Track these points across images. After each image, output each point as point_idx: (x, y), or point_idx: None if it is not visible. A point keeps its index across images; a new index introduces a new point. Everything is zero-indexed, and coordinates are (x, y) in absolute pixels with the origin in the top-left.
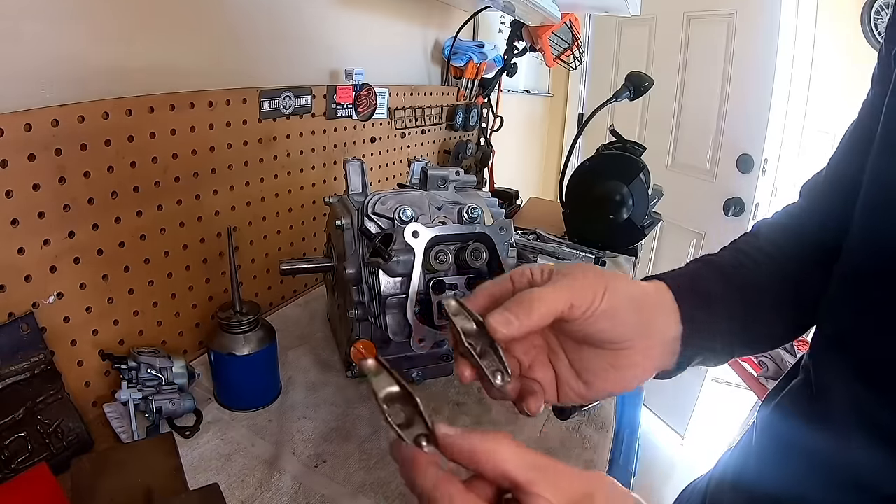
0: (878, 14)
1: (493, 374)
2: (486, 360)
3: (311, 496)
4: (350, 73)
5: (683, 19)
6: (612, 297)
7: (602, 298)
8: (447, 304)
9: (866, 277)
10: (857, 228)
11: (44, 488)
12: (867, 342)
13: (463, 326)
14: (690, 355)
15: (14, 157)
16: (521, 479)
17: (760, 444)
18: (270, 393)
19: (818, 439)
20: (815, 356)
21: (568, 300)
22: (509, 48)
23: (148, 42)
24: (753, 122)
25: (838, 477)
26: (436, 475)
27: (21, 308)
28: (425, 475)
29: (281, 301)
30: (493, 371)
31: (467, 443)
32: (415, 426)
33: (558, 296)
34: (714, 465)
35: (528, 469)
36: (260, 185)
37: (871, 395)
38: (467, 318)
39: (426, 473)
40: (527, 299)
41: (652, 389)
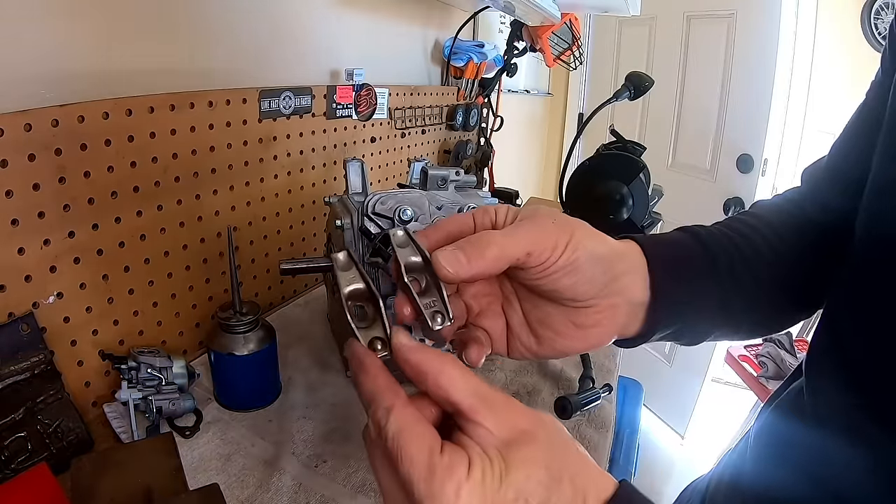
0: (878, 14)
1: (431, 315)
2: (427, 300)
3: (311, 496)
4: (350, 73)
5: (683, 19)
6: (575, 250)
7: (564, 251)
8: (394, 234)
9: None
10: (863, 216)
11: (44, 488)
12: (862, 346)
13: (407, 260)
14: (655, 326)
15: (14, 157)
16: (463, 405)
17: (757, 445)
18: (270, 393)
19: (809, 444)
20: (811, 357)
21: (525, 248)
22: (509, 48)
23: (148, 42)
24: (753, 122)
25: (826, 484)
26: (383, 382)
27: (21, 308)
28: (374, 379)
29: (281, 301)
30: (433, 312)
31: (417, 357)
32: (374, 328)
33: (515, 241)
34: (715, 465)
35: (471, 395)
36: (260, 185)
37: (860, 401)
38: (414, 251)
39: (375, 378)
40: (480, 241)
41: (652, 389)
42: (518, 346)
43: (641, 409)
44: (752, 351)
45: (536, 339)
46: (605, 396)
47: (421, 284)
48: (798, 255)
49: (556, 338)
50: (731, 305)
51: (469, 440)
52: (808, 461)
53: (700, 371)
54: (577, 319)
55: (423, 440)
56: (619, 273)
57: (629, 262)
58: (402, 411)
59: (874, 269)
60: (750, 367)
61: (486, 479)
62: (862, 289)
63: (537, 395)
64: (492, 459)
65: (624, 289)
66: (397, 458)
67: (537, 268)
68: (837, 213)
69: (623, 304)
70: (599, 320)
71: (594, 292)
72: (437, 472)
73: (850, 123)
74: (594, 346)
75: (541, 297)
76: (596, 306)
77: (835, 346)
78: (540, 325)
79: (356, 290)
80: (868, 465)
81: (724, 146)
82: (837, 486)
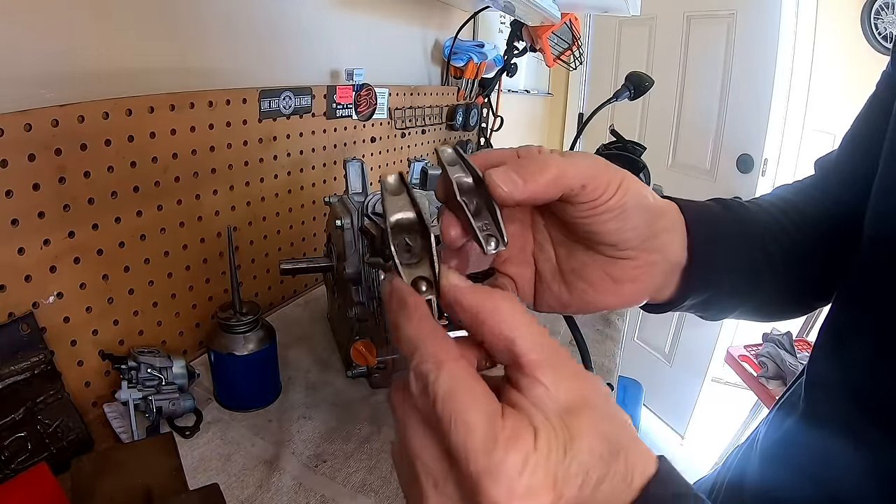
0: (878, 14)
1: (486, 238)
2: (480, 222)
3: (311, 496)
4: (350, 73)
5: (683, 19)
6: (625, 193)
7: (616, 191)
8: (443, 150)
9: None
10: (871, 215)
11: (44, 488)
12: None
13: (458, 179)
14: (688, 291)
15: (14, 157)
16: (526, 358)
17: (762, 446)
18: (270, 393)
19: (809, 445)
20: (813, 357)
21: (583, 177)
22: (509, 48)
23: (148, 42)
24: (753, 122)
25: (827, 486)
26: (430, 328)
27: (21, 308)
28: (419, 324)
29: (281, 301)
30: (487, 235)
31: (474, 299)
32: (419, 266)
33: (575, 168)
34: (720, 465)
35: (536, 349)
36: (260, 185)
37: (860, 403)
38: (463, 170)
39: (421, 322)
40: (538, 160)
41: (652, 389)
42: (547, 297)
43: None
44: (752, 351)
45: (568, 289)
46: None
47: (471, 206)
48: (817, 240)
49: (589, 290)
50: (761, 281)
51: (527, 402)
52: (810, 463)
53: (700, 371)
54: (615, 272)
55: (482, 403)
56: (660, 229)
57: (669, 220)
58: (455, 366)
59: (880, 269)
60: (750, 367)
61: (551, 451)
62: (867, 288)
63: None
64: (555, 428)
65: (664, 246)
66: (449, 423)
67: (589, 203)
68: (846, 206)
69: (661, 261)
70: (637, 275)
71: (636, 242)
72: (500, 443)
73: (859, 116)
74: (627, 303)
75: (579, 243)
76: (635, 259)
77: (836, 346)
78: (574, 275)
79: (404, 220)
80: (868, 467)
81: (724, 146)
82: (838, 488)
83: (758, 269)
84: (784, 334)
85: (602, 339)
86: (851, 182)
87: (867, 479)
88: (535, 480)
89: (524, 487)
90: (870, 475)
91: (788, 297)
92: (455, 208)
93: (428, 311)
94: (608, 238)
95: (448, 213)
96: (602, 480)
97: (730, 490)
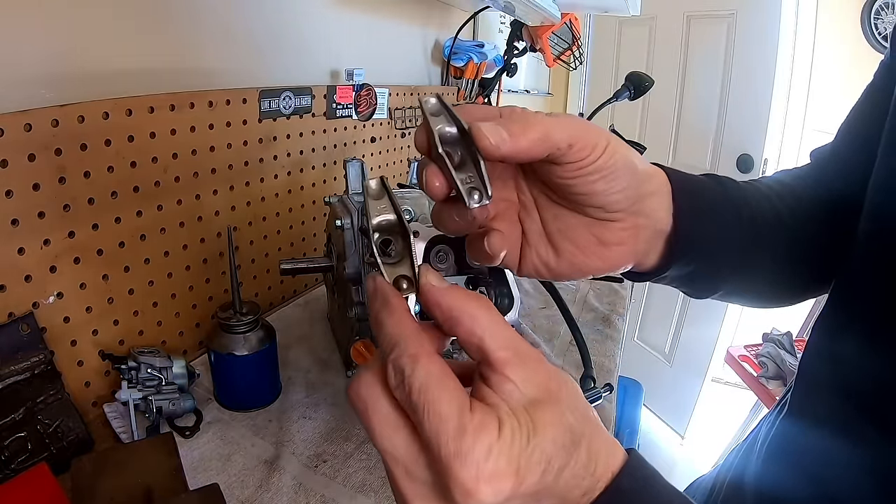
0: (878, 14)
1: (468, 190)
2: (463, 174)
3: (311, 496)
4: (350, 73)
5: (683, 19)
6: (612, 154)
7: (603, 152)
8: (426, 101)
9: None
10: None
11: (44, 488)
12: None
13: (441, 129)
14: (672, 259)
15: (14, 157)
16: (495, 356)
17: (763, 445)
18: (270, 393)
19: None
20: (806, 356)
21: (569, 137)
22: (509, 48)
23: (148, 42)
24: (753, 122)
25: (826, 485)
26: (410, 326)
27: (21, 308)
28: (399, 321)
29: (281, 301)
30: (469, 188)
31: (450, 299)
32: (400, 266)
33: (561, 127)
34: (720, 464)
35: (505, 347)
36: (260, 185)
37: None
38: (448, 121)
39: (401, 319)
40: (524, 117)
41: (652, 389)
42: (533, 259)
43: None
44: (752, 351)
45: (555, 252)
46: (606, 396)
47: (454, 158)
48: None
49: (576, 252)
50: (750, 258)
51: (495, 396)
52: (809, 461)
53: (700, 371)
54: (602, 234)
55: (454, 396)
56: (647, 192)
57: (655, 184)
58: (430, 361)
59: (875, 264)
60: (750, 367)
61: (514, 440)
62: (861, 284)
63: None
64: (519, 419)
65: (651, 210)
66: (423, 412)
67: (576, 164)
68: (840, 196)
69: (647, 225)
70: (623, 238)
71: (624, 204)
72: (469, 432)
73: (856, 107)
74: (613, 266)
75: (564, 205)
76: (622, 221)
77: (831, 343)
78: (561, 236)
79: (385, 222)
80: (866, 466)
81: (724, 146)
82: (837, 487)
83: (746, 247)
84: (784, 334)
85: (602, 339)
86: (846, 173)
87: (865, 478)
88: (499, 466)
89: (489, 471)
90: (867, 473)
91: (777, 281)
92: (437, 160)
93: (408, 309)
94: (596, 199)
95: (431, 165)
96: (563, 468)
97: (730, 489)
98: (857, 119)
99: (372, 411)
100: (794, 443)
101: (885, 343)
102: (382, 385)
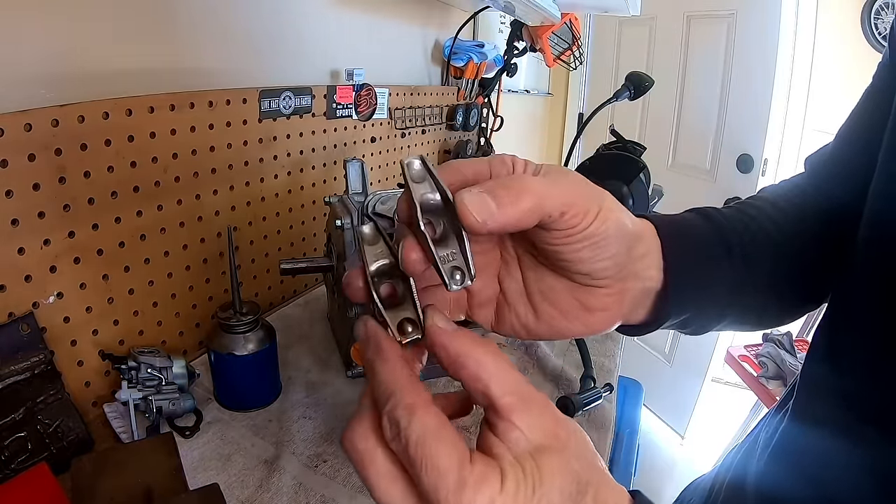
0: (878, 14)
1: (450, 271)
2: (445, 251)
3: (311, 496)
4: (350, 73)
5: (683, 19)
6: (605, 221)
7: (595, 219)
8: (409, 163)
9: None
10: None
11: (44, 488)
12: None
13: (423, 197)
14: (666, 315)
15: (14, 157)
16: (500, 403)
17: (763, 446)
18: (270, 393)
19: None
20: (809, 357)
21: (562, 204)
22: (509, 48)
23: (148, 42)
24: (753, 122)
25: (825, 487)
26: (405, 375)
27: (21, 308)
28: (393, 370)
29: (281, 301)
30: (452, 268)
31: (457, 344)
32: (403, 308)
33: (555, 193)
34: (719, 465)
35: (511, 393)
36: (260, 185)
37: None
38: (432, 188)
39: (394, 368)
40: (514, 184)
41: (652, 389)
42: (511, 319)
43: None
44: (752, 351)
45: (535, 313)
46: (606, 396)
47: (436, 230)
48: (801, 239)
49: (557, 316)
50: (744, 294)
51: (501, 446)
52: (810, 463)
53: (700, 371)
54: (586, 299)
55: (453, 448)
56: (638, 256)
57: (645, 245)
58: (427, 412)
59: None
60: (750, 367)
61: (518, 492)
62: (861, 290)
63: None
64: (524, 469)
65: (640, 273)
66: (420, 467)
67: (566, 231)
68: (839, 202)
69: (634, 289)
70: (608, 304)
71: (612, 271)
72: (469, 484)
73: (855, 110)
74: (595, 331)
75: (549, 268)
76: (608, 288)
77: (832, 346)
78: (542, 298)
79: (384, 266)
80: (867, 468)
81: (724, 146)
82: (836, 488)
83: (740, 284)
84: (784, 334)
85: (602, 339)
86: (844, 177)
87: (866, 480)
88: None
89: None
90: (868, 475)
91: (775, 303)
92: (419, 233)
93: (402, 356)
94: (581, 267)
95: (409, 238)
96: None
97: (730, 490)
98: (857, 122)
99: (369, 462)
100: (796, 444)
101: (885, 348)
102: (377, 436)
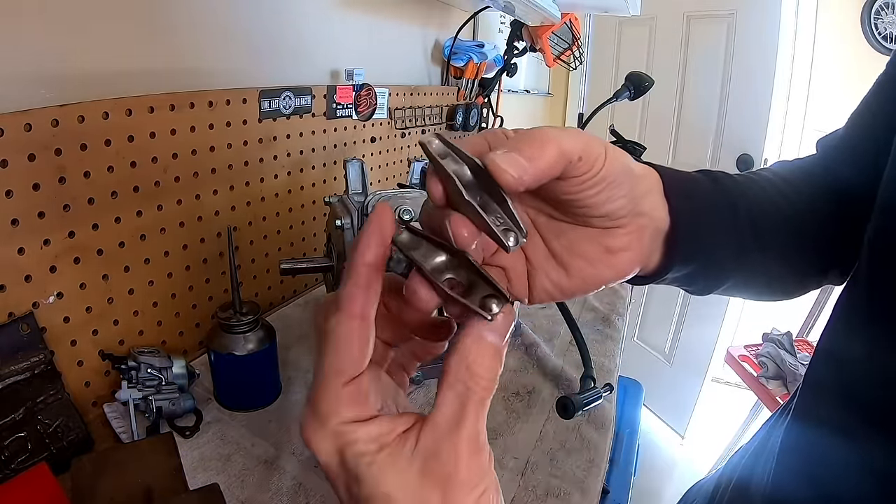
0: (878, 14)
1: (504, 233)
2: (491, 217)
3: (311, 496)
4: (350, 73)
5: (683, 19)
6: (613, 161)
7: (605, 160)
8: (429, 142)
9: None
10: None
11: (44, 488)
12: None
13: (457, 173)
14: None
15: (14, 157)
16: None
17: (768, 448)
18: (270, 393)
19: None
20: (814, 358)
21: (579, 148)
22: (509, 48)
23: (148, 42)
24: (753, 122)
25: (826, 487)
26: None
27: (21, 308)
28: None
29: (281, 301)
30: (504, 230)
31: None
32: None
33: (571, 139)
34: (723, 466)
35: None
36: (260, 185)
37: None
38: (456, 161)
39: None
40: (536, 137)
41: (652, 389)
42: (544, 284)
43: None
44: (752, 351)
45: (566, 271)
46: (606, 396)
47: (476, 200)
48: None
49: (585, 266)
50: (750, 252)
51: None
52: (815, 465)
53: (700, 371)
54: (609, 242)
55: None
56: (643, 192)
57: (648, 184)
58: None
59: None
60: (750, 367)
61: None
62: (867, 289)
63: (537, 395)
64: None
65: (649, 209)
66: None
67: (581, 177)
68: (847, 184)
69: (649, 225)
70: (629, 242)
71: (628, 208)
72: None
73: (867, 97)
74: (623, 273)
75: (567, 220)
76: (626, 226)
77: (838, 346)
78: (568, 253)
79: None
80: (866, 468)
81: (724, 146)
82: (837, 489)
83: (744, 243)
84: (784, 334)
85: (602, 339)
86: (854, 160)
87: (865, 479)
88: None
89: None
90: (872, 476)
91: (780, 273)
92: (461, 204)
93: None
94: (601, 209)
95: (455, 215)
96: None
97: (736, 491)
98: (869, 109)
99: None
100: (800, 447)
101: (891, 347)
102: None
